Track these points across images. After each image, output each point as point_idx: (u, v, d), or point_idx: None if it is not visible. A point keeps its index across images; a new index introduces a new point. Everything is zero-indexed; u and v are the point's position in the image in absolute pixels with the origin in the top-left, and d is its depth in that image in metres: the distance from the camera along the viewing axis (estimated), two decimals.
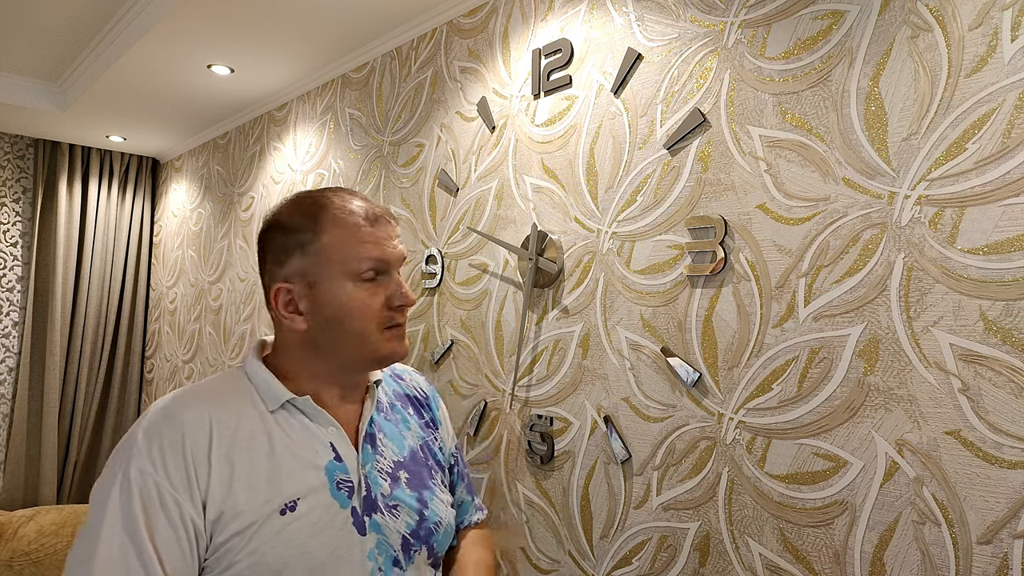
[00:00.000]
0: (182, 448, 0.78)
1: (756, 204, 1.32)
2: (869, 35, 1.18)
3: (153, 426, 0.79)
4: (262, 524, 0.79)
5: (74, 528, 2.73)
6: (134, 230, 4.01)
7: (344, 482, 0.86)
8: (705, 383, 1.38)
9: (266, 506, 0.79)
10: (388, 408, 0.98)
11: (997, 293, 1.02)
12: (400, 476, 0.92)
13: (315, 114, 2.75)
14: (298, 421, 0.87)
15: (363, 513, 0.86)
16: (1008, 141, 1.02)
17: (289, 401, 0.87)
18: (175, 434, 0.79)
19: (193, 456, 0.78)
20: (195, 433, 0.80)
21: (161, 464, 0.77)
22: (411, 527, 0.90)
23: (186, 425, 0.80)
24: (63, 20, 2.55)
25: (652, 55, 1.52)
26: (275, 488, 0.81)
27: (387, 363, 0.90)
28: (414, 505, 0.91)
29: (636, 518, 1.48)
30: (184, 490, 0.77)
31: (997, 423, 1.01)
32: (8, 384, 3.67)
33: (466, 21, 2.06)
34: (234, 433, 0.82)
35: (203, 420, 0.81)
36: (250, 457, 0.81)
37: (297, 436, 0.85)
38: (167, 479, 0.77)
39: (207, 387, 0.87)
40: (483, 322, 1.91)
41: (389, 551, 0.87)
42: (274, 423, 0.85)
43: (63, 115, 3.28)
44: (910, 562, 1.08)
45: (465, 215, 2.00)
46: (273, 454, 0.83)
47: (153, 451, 0.77)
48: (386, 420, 0.96)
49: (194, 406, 0.82)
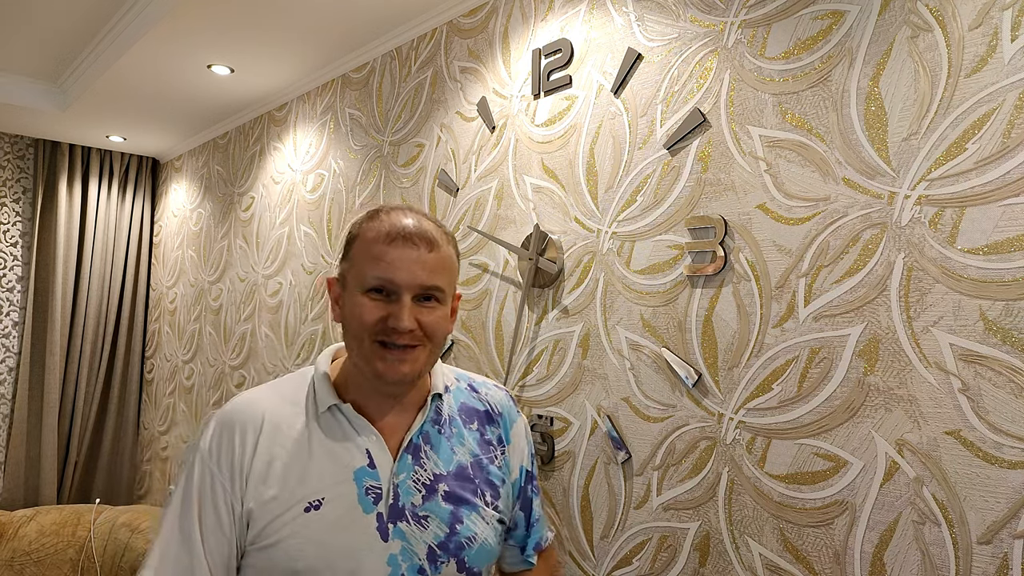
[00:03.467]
0: (233, 442, 0.87)
1: (756, 204, 1.32)
2: (869, 35, 1.18)
3: (219, 419, 0.90)
4: (288, 517, 0.85)
5: (75, 528, 2.74)
6: (134, 230, 4.01)
7: (372, 488, 0.89)
8: (705, 383, 1.38)
9: (294, 501, 0.86)
10: (446, 421, 0.98)
11: (997, 293, 1.02)
12: (438, 488, 0.93)
13: (315, 114, 2.75)
14: (341, 426, 0.91)
15: (388, 520, 0.88)
16: (1008, 141, 1.02)
17: (334, 406, 0.92)
18: (231, 428, 0.88)
19: (242, 450, 0.87)
20: (247, 429, 0.88)
21: (216, 454, 0.87)
22: (439, 539, 0.90)
23: (242, 421, 0.89)
24: (63, 20, 2.55)
25: (652, 55, 1.52)
26: (305, 486, 0.86)
27: (381, 380, 0.89)
28: (446, 518, 0.92)
29: (636, 518, 1.48)
30: (229, 479, 0.85)
31: (997, 423, 1.01)
32: (8, 384, 3.67)
33: (466, 21, 2.06)
34: (282, 432, 0.89)
35: (257, 418, 0.89)
36: (290, 455, 0.88)
37: (336, 439, 0.90)
38: (219, 468, 0.86)
39: (275, 386, 0.95)
40: (483, 322, 1.91)
41: (414, 559, 0.89)
42: (318, 426, 0.91)
43: (63, 115, 3.28)
44: (910, 562, 1.08)
45: (465, 215, 2.00)
46: (310, 454, 0.88)
47: (213, 441, 0.88)
48: (439, 433, 0.97)
49: (254, 404, 0.91)
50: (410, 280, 0.89)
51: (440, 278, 0.91)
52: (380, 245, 0.89)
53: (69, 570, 2.64)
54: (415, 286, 0.89)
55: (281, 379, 0.97)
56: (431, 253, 0.90)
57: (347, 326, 0.91)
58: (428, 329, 0.90)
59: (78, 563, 2.65)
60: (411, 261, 0.89)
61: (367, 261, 0.90)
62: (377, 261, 0.89)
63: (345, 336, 0.93)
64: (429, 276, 0.90)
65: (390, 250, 0.89)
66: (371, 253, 0.90)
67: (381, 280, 0.88)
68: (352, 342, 0.91)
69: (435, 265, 0.91)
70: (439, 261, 0.91)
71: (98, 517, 2.75)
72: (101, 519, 2.74)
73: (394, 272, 0.88)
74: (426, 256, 0.90)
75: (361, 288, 0.90)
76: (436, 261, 0.91)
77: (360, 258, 0.91)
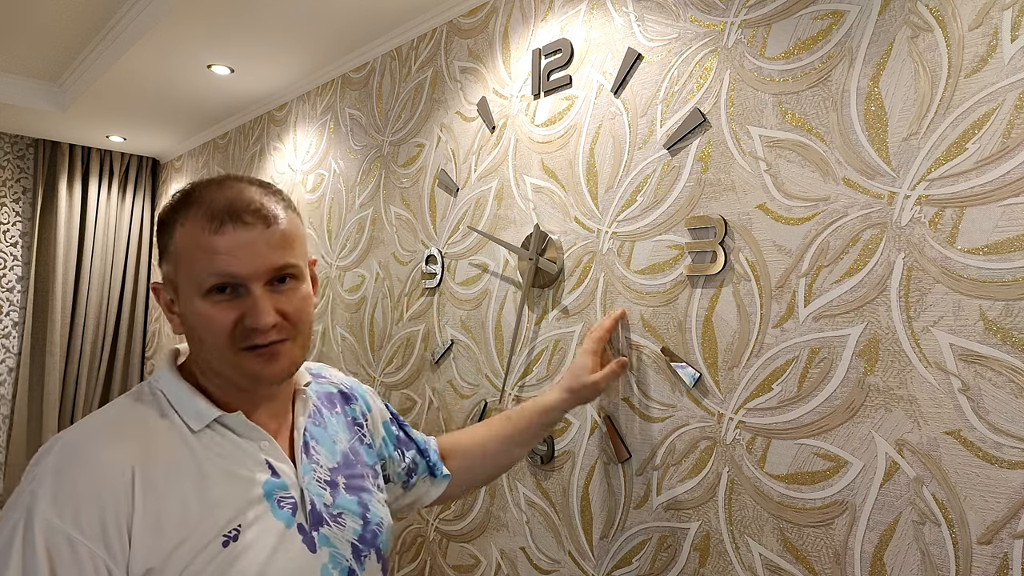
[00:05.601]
0: (97, 497, 0.67)
1: (756, 204, 1.32)
2: (869, 35, 1.18)
3: (62, 467, 0.68)
4: (205, 559, 0.70)
5: None
6: (134, 230, 4.01)
7: (285, 499, 0.79)
8: (705, 383, 1.38)
9: (205, 540, 0.71)
10: (315, 412, 0.92)
11: (997, 293, 1.02)
12: (339, 482, 0.87)
13: (315, 114, 2.75)
14: (228, 440, 0.77)
15: (310, 529, 0.80)
16: (1008, 141, 1.02)
17: (217, 420, 0.77)
18: (88, 478, 0.67)
19: (115, 503, 0.67)
20: (111, 475, 0.68)
21: (71, 517, 0.65)
22: (358, 532, 0.86)
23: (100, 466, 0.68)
24: (63, 20, 2.55)
25: (652, 55, 1.52)
26: (212, 519, 0.72)
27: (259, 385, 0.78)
28: (356, 509, 0.87)
29: (636, 518, 1.48)
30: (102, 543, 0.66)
31: (997, 423, 1.01)
32: (8, 384, 3.67)
33: (466, 21, 2.06)
34: (157, 466, 0.71)
35: (118, 457, 0.70)
36: (179, 490, 0.71)
37: (228, 456, 0.76)
38: (81, 533, 0.65)
39: (118, 415, 0.76)
40: (483, 322, 1.91)
41: (342, 562, 0.82)
42: (200, 446, 0.75)
43: (63, 115, 3.28)
44: (910, 562, 1.08)
45: (465, 215, 2.00)
46: (204, 481, 0.73)
47: (61, 499, 0.66)
48: (316, 426, 0.90)
49: (108, 442, 0.71)
50: (255, 268, 0.74)
51: (290, 252, 0.77)
52: (206, 236, 0.73)
53: None
54: (262, 273, 0.75)
55: (111, 407, 0.78)
56: (270, 228, 0.75)
57: (196, 339, 0.77)
58: (293, 317, 0.77)
59: None
60: (249, 245, 0.74)
61: (195, 258, 0.74)
62: (208, 256, 0.73)
63: (195, 348, 0.78)
64: (277, 255, 0.75)
65: (220, 239, 0.73)
66: (198, 247, 0.74)
67: (220, 277, 0.73)
68: (209, 355, 0.77)
69: (280, 240, 0.76)
70: (282, 235, 0.76)
71: None
72: None
73: (233, 264, 0.73)
74: (265, 234, 0.75)
75: (199, 291, 0.74)
76: (279, 236, 0.76)
77: (185, 256, 0.75)
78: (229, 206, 0.74)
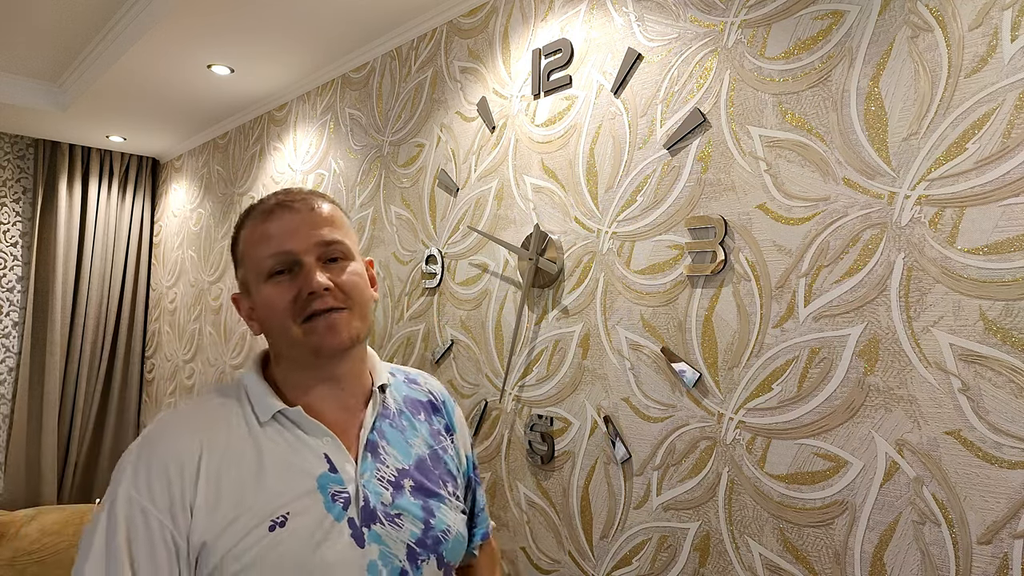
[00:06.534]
0: (167, 473, 0.77)
1: (756, 204, 1.32)
2: (869, 35, 1.18)
3: (142, 451, 0.79)
4: (251, 541, 0.76)
5: (77, 527, 2.74)
6: (134, 230, 4.01)
7: (339, 494, 0.82)
8: (705, 383, 1.38)
9: (255, 522, 0.77)
10: (395, 414, 0.94)
11: (997, 293, 1.02)
12: (404, 484, 0.88)
13: (315, 114, 2.75)
14: (291, 433, 0.84)
15: (361, 525, 0.82)
16: (1008, 141, 1.02)
17: (280, 412, 0.84)
18: (163, 459, 0.78)
19: (181, 480, 0.77)
20: (182, 456, 0.78)
21: (147, 489, 0.76)
22: (416, 536, 0.86)
23: (173, 450, 0.78)
24: (63, 20, 2.55)
25: (652, 55, 1.52)
26: (263, 504, 0.78)
27: (322, 355, 0.84)
28: (419, 514, 0.87)
29: (636, 518, 1.48)
30: (169, 514, 0.76)
31: (997, 423, 1.01)
32: (8, 384, 3.67)
33: (466, 21, 2.06)
34: (223, 453, 0.80)
35: (191, 441, 0.79)
36: (239, 474, 0.79)
37: (289, 448, 0.82)
38: (153, 503, 0.76)
39: (200, 405, 0.85)
40: (483, 322, 1.91)
41: (393, 562, 0.83)
42: (264, 437, 0.82)
43: (63, 115, 3.28)
44: (910, 562, 1.08)
45: (465, 215, 2.00)
46: (262, 470, 0.80)
47: (140, 477, 0.77)
48: (391, 427, 0.92)
49: (183, 429, 0.81)
50: (305, 243, 0.83)
51: (336, 232, 0.86)
52: (261, 226, 0.85)
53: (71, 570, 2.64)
54: (311, 247, 0.83)
55: (198, 398, 0.88)
56: (314, 211, 0.86)
57: (268, 325, 0.85)
58: (346, 287, 0.84)
59: None
60: (298, 224, 0.84)
61: (255, 249, 0.84)
62: (264, 241, 0.84)
63: (271, 338, 0.86)
64: (323, 232, 0.84)
65: (272, 224, 0.84)
66: (256, 239, 0.85)
67: (275, 257, 0.83)
68: (279, 337, 0.85)
69: (325, 221, 0.86)
70: (328, 217, 0.86)
71: None
72: None
73: (285, 242, 0.83)
74: (311, 215, 0.85)
75: (262, 278, 0.84)
76: (325, 217, 0.86)
77: (248, 252, 0.86)
78: (278, 201, 0.86)
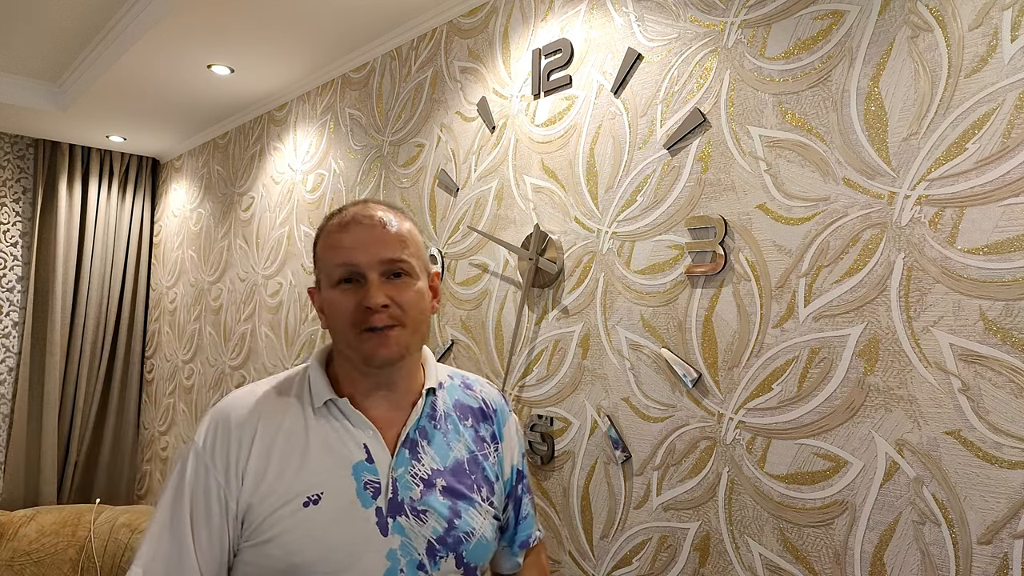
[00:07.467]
0: (229, 438, 0.88)
1: (756, 204, 1.32)
2: (869, 35, 1.18)
3: (216, 415, 0.91)
4: (286, 512, 0.85)
5: (75, 528, 2.74)
6: (134, 230, 4.01)
7: (371, 483, 0.89)
8: (705, 383, 1.38)
9: (292, 495, 0.86)
10: (442, 417, 0.99)
11: (997, 293, 1.02)
12: (436, 483, 0.93)
13: (315, 114, 2.75)
14: (339, 422, 0.92)
15: (387, 515, 0.88)
16: (1008, 141, 1.02)
17: (330, 400, 0.92)
18: (227, 424, 0.89)
19: (238, 446, 0.88)
20: (243, 425, 0.89)
21: (212, 449, 0.88)
22: (438, 533, 0.90)
23: (239, 417, 0.90)
24: (63, 20, 2.55)
25: (652, 55, 1.52)
26: (303, 481, 0.87)
27: (371, 364, 0.91)
28: (444, 513, 0.92)
29: (636, 518, 1.48)
30: (224, 475, 0.86)
31: (997, 423, 1.01)
32: (8, 384, 3.67)
33: (466, 21, 2.06)
34: (277, 429, 0.90)
35: (254, 414, 0.90)
36: (287, 451, 0.88)
37: (334, 434, 0.90)
38: (213, 463, 0.87)
39: (272, 383, 0.96)
40: (483, 322, 1.91)
41: (413, 554, 0.88)
42: (315, 421, 0.91)
43: (63, 115, 3.28)
44: (910, 562, 1.08)
45: (465, 215, 2.00)
46: (308, 449, 0.89)
47: (208, 437, 0.89)
48: (435, 428, 0.97)
49: (251, 400, 0.92)
50: (370, 258, 0.90)
51: (402, 251, 0.92)
52: (335, 235, 0.92)
53: (69, 570, 2.64)
54: (376, 263, 0.90)
55: (277, 376, 0.98)
56: (386, 229, 0.92)
57: (332, 324, 0.92)
58: (404, 305, 0.90)
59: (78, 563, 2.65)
60: (368, 241, 0.90)
61: (328, 256, 0.92)
62: (336, 250, 0.91)
63: (333, 335, 0.94)
64: (389, 250, 0.90)
65: (345, 236, 0.91)
66: (330, 247, 0.92)
67: (343, 267, 0.90)
68: (339, 337, 0.92)
69: (393, 239, 0.91)
70: (397, 235, 0.92)
71: (98, 517, 2.75)
72: (101, 519, 2.74)
73: (353, 255, 0.90)
74: (381, 232, 0.91)
75: (331, 283, 0.91)
76: (394, 236, 0.92)
77: (323, 257, 0.94)
78: (355, 215, 0.93)
